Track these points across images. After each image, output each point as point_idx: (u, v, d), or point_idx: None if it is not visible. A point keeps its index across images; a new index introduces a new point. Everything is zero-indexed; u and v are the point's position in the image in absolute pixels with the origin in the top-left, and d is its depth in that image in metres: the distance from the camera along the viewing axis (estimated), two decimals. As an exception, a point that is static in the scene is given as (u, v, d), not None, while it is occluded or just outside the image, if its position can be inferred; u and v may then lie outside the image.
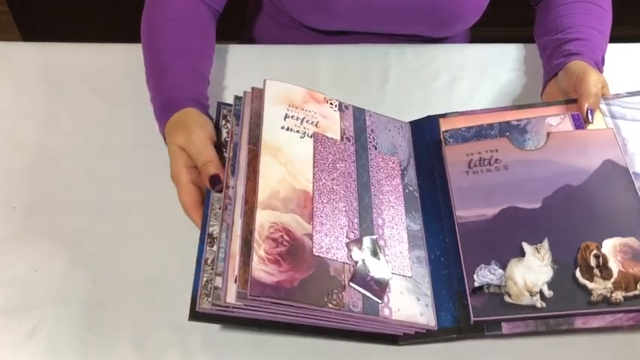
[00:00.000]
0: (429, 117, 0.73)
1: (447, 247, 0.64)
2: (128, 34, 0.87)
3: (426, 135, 0.72)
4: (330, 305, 0.56)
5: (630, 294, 0.57)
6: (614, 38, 0.85)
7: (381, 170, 0.67)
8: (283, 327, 0.59)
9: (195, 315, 0.57)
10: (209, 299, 0.57)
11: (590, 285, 0.58)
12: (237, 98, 0.69)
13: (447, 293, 0.62)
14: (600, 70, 0.75)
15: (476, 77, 0.86)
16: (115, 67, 0.84)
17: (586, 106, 0.68)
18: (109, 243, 0.68)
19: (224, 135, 0.69)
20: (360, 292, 0.58)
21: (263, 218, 0.58)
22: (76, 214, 0.70)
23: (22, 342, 0.61)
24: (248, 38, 1.04)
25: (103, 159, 0.75)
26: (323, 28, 0.91)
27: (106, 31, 1.72)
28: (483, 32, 1.03)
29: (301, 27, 0.93)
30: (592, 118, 0.68)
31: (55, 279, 0.65)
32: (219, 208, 0.63)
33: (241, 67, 0.85)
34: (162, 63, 0.74)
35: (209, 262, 0.59)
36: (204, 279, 0.58)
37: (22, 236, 0.68)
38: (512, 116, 0.70)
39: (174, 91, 0.71)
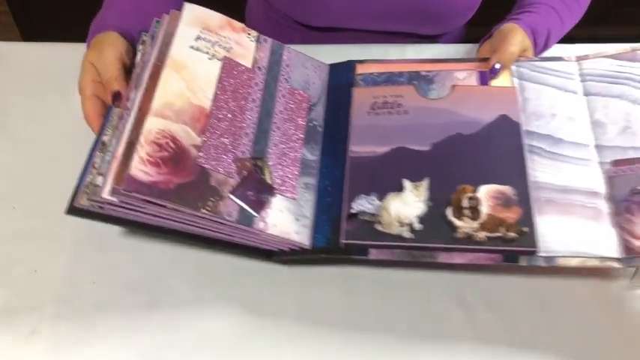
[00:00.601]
0: (348, 61, 0.76)
1: (336, 179, 0.66)
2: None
3: (342, 77, 0.74)
4: (203, 211, 0.57)
5: (494, 235, 0.60)
6: (615, 38, 0.84)
7: (288, 102, 0.69)
8: (162, 231, 0.60)
9: (73, 210, 0.58)
10: (88, 196, 0.57)
11: (457, 222, 0.61)
12: (156, 22, 0.69)
13: (325, 218, 0.64)
14: (536, 41, 0.75)
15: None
16: (115, 67, 0.84)
17: (494, 61, 0.70)
18: (108, 243, 0.68)
19: (138, 58, 0.69)
20: (237, 204, 0.59)
21: (152, 124, 0.59)
22: (76, 214, 0.70)
23: (22, 342, 0.61)
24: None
25: (102, 159, 0.75)
26: (316, 24, 0.92)
27: (106, 31, 1.72)
28: (481, 32, 1.03)
29: (297, 26, 0.93)
30: (497, 75, 0.70)
31: (55, 279, 0.65)
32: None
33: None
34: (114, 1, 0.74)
35: (96, 165, 0.59)
36: (89, 180, 0.58)
37: (22, 236, 0.69)
38: (423, 67, 0.73)
39: (108, 18, 0.72)
